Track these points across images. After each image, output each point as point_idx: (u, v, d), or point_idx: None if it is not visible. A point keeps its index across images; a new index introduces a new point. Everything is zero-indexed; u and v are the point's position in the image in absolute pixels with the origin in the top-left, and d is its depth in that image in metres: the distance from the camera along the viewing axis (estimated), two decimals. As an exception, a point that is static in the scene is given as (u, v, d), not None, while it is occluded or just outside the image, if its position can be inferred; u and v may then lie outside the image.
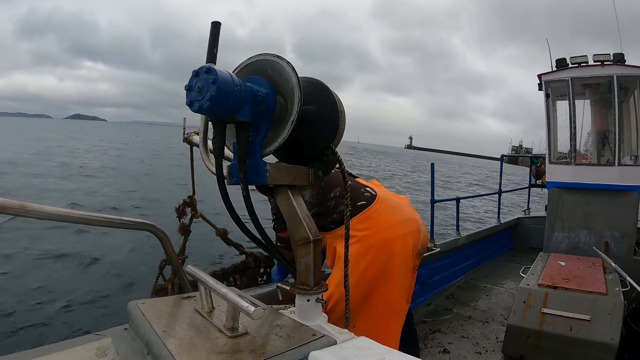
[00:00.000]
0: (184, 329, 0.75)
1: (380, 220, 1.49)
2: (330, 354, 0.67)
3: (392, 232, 1.49)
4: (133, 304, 0.87)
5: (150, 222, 1.10)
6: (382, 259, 1.45)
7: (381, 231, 1.47)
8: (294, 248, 0.92)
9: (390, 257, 1.47)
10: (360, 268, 1.43)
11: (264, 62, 0.91)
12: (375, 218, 1.49)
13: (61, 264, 6.23)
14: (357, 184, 1.63)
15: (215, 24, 0.90)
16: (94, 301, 4.90)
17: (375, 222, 1.48)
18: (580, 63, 3.69)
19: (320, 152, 1.00)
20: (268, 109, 0.85)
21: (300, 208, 0.91)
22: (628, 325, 2.29)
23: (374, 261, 1.45)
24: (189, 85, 0.76)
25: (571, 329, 2.12)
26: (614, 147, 3.62)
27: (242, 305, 0.67)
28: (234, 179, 0.87)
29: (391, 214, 1.54)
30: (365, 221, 1.49)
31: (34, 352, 0.75)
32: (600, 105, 3.96)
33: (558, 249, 3.76)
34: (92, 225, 0.97)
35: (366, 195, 1.54)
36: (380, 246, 1.46)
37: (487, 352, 2.47)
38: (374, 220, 1.48)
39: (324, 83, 1.03)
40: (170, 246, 1.15)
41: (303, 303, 0.88)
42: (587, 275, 2.58)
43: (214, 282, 0.78)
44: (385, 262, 1.46)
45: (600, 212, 3.64)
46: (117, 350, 0.76)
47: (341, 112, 1.00)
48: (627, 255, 3.52)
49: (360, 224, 1.48)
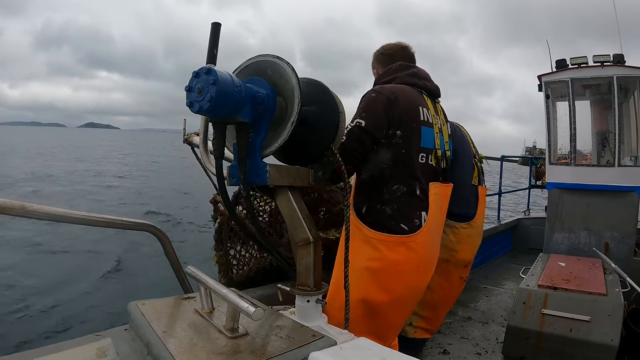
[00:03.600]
0: (184, 330, 0.75)
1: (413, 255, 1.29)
2: (330, 355, 0.67)
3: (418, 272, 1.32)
4: (133, 304, 0.87)
5: (150, 222, 1.10)
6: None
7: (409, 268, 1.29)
8: (294, 249, 0.92)
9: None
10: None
11: (264, 63, 0.91)
12: (411, 248, 1.28)
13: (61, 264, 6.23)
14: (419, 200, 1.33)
15: (215, 24, 0.90)
16: (94, 302, 4.90)
17: (407, 256, 1.28)
18: (580, 64, 3.69)
19: (320, 153, 1.00)
20: (268, 110, 0.85)
21: (301, 209, 0.91)
22: (628, 326, 2.28)
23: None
24: (189, 86, 0.76)
25: (571, 330, 2.12)
26: (613, 147, 3.62)
27: (242, 306, 0.67)
28: (234, 180, 0.87)
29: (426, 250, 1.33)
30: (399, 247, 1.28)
31: (33, 352, 0.75)
32: (600, 106, 3.96)
33: (558, 249, 3.76)
34: (93, 225, 0.97)
35: (415, 223, 1.30)
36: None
37: (487, 353, 2.46)
38: (408, 252, 1.28)
39: (324, 84, 1.03)
40: (170, 247, 1.15)
41: (303, 304, 0.88)
42: (587, 276, 2.57)
43: (214, 283, 0.78)
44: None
45: (600, 212, 3.64)
46: (117, 351, 0.76)
47: (341, 113, 1.00)
48: (627, 256, 3.52)
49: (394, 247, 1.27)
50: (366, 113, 1.28)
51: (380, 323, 1.32)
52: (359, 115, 1.28)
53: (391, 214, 1.27)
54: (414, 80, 1.43)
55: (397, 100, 1.29)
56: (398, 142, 1.28)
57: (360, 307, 1.26)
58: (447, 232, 1.89)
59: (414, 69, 1.47)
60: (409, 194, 1.29)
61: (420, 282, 1.37)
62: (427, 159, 1.34)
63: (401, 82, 1.41)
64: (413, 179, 1.30)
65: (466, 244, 1.96)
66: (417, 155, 1.31)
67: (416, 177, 1.31)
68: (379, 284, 1.26)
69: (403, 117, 1.29)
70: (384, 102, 1.28)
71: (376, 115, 1.27)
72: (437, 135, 1.40)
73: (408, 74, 1.44)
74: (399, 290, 1.30)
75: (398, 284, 1.29)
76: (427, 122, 1.35)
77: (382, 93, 1.31)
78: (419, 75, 1.46)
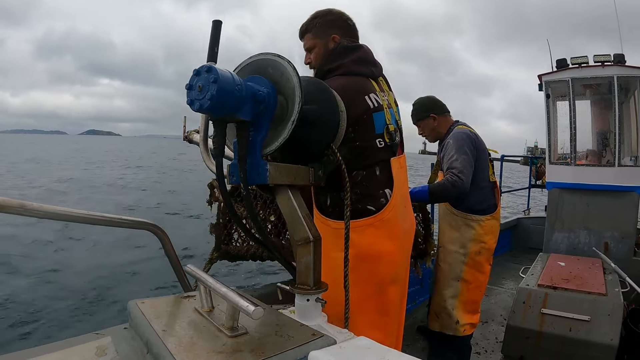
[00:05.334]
0: (184, 329, 0.75)
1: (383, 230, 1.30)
2: (329, 354, 0.67)
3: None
4: (133, 303, 0.87)
5: (150, 221, 1.10)
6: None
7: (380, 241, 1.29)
8: (294, 248, 0.92)
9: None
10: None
11: (264, 62, 0.91)
12: (380, 227, 1.30)
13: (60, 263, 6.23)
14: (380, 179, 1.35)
15: (216, 22, 0.90)
16: (93, 300, 4.91)
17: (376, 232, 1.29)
18: (580, 63, 3.69)
19: (320, 152, 1.00)
20: (269, 109, 0.85)
21: (301, 208, 0.91)
22: (627, 326, 2.29)
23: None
24: (190, 84, 0.76)
25: (571, 330, 2.12)
26: (614, 147, 3.62)
27: (242, 305, 0.67)
28: (234, 179, 0.87)
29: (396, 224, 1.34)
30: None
31: (33, 351, 0.75)
32: (601, 105, 3.96)
33: (558, 249, 3.76)
34: (92, 224, 0.97)
35: (382, 202, 1.32)
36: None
37: (487, 353, 2.47)
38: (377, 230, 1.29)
39: (324, 83, 1.03)
40: (170, 246, 1.15)
41: (303, 303, 0.88)
42: (586, 276, 2.58)
43: (214, 282, 0.78)
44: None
45: (600, 212, 3.64)
46: (116, 350, 0.76)
47: (342, 112, 1.00)
48: (627, 255, 3.52)
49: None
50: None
51: (371, 308, 1.30)
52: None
53: (355, 198, 1.25)
54: (359, 69, 1.33)
55: (345, 98, 1.20)
56: (350, 136, 1.23)
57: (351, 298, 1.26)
58: (475, 227, 2.11)
59: (359, 53, 1.36)
60: (369, 175, 1.28)
61: (399, 255, 1.34)
62: (383, 142, 1.31)
63: (345, 72, 1.31)
64: (373, 162, 1.29)
65: (491, 234, 2.16)
66: (373, 144, 1.29)
67: (376, 160, 1.29)
68: (359, 273, 1.25)
69: (350, 113, 1.22)
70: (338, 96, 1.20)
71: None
72: (387, 112, 1.35)
73: (353, 60, 1.34)
74: (380, 274, 1.29)
75: (378, 267, 1.28)
76: (376, 107, 1.30)
77: (335, 87, 1.21)
78: (365, 61, 1.36)
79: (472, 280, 2.12)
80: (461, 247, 2.13)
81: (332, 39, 1.39)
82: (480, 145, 2.15)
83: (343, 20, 1.41)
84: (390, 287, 1.34)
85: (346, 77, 1.29)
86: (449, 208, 2.19)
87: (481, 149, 2.14)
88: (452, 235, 2.17)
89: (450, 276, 2.15)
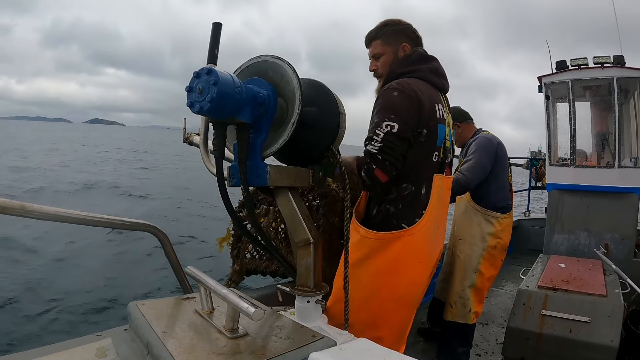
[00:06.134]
0: (184, 330, 0.75)
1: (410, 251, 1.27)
2: (330, 356, 0.67)
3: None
4: (133, 304, 0.87)
5: (150, 223, 1.10)
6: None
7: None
8: (294, 250, 0.92)
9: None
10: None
11: (264, 64, 0.91)
12: (408, 242, 1.27)
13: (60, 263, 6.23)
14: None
15: (216, 25, 0.90)
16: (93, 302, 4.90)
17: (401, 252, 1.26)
18: (580, 65, 3.70)
19: (320, 154, 1.00)
20: (269, 111, 0.85)
21: (301, 210, 0.91)
22: (628, 327, 2.28)
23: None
24: (190, 86, 0.76)
25: (571, 331, 2.12)
26: (614, 149, 3.63)
27: (242, 307, 0.67)
28: (235, 180, 0.87)
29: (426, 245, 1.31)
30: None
31: (33, 352, 0.75)
32: (600, 107, 3.96)
33: (558, 251, 3.76)
34: (92, 225, 0.97)
35: (415, 221, 1.28)
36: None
37: (487, 354, 2.46)
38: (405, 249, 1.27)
39: (324, 85, 1.03)
40: (170, 247, 1.15)
41: (303, 304, 0.88)
42: (587, 277, 2.57)
43: (214, 283, 0.78)
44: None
45: (600, 214, 3.64)
46: (117, 351, 0.76)
47: (341, 114, 1.00)
48: (627, 257, 3.52)
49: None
50: (396, 115, 1.19)
51: (386, 325, 1.28)
52: (388, 118, 1.19)
53: (394, 212, 1.25)
54: (433, 79, 1.36)
55: (421, 99, 1.24)
56: (422, 141, 1.24)
57: (365, 309, 1.24)
58: (494, 223, 2.28)
59: (434, 63, 1.39)
60: (416, 194, 1.27)
61: (423, 276, 1.33)
62: (438, 156, 1.32)
63: (421, 77, 1.33)
64: (424, 179, 1.28)
65: (507, 231, 2.33)
66: (432, 155, 1.29)
67: (427, 177, 1.29)
68: (381, 282, 1.24)
69: (425, 116, 1.25)
70: (412, 101, 1.23)
71: (407, 117, 1.21)
72: (447, 127, 1.38)
73: (429, 69, 1.36)
74: (402, 289, 1.27)
75: (401, 282, 1.26)
76: (442, 119, 1.32)
77: (407, 92, 1.24)
78: (439, 73, 1.39)
79: (485, 272, 2.28)
80: (480, 241, 2.29)
81: (403, 48, 1.40)
82: (502, 150, 2.33)
83: (412, 31, 1.43)
84: (409, 309, 1.33)
85: (422, 81, 1.31)
86: (472, 204, 2.35)
87: (502, 153, 2.33)
88: (472, 229, 2.33)
89: (469, 267, 2.29)
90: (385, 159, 1.17)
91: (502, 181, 2.34)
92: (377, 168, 1.16)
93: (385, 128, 1.18)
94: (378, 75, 1.44)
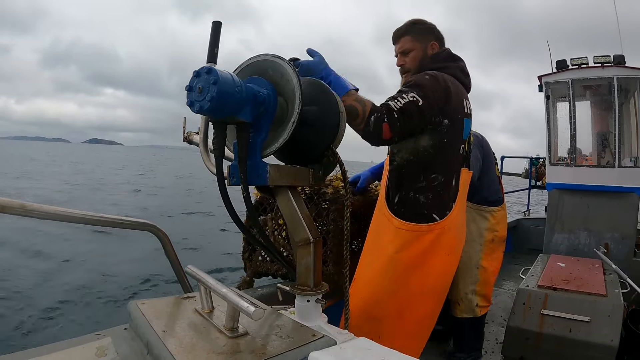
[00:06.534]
0: (184, 329, 0.75)
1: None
2: (330, 355, 0.67)
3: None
4: (133, 304, 0.87)
5: (150, 222, 1.10)
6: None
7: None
8: (294, 249, 0.92)
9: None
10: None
11: (264, 63, 0.91)
12: (440, 236, 1.30)
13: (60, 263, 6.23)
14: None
15: (215, 23, 0.90)
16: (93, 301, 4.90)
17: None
18: (580, 64, 3.69)
19: (320, 153, 1.00)
20: (269, 110, 0.85)
21: (301, 209, 0.91)
22: (628, 327, 2.28)
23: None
24: (190, 85, 0.76)
25: (571, 331, 2.12)
26: (614, 148, 3.62)
27: (242, 306, 0.67)
28: (234, 180, 0.87)
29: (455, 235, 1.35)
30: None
31: (33, 351, 0.75)
32: (601, 106, 3.96)
33: (558, 250, 3.76)
34: (93, 225, 0.97)
35: (446, 213, 1.32)
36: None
37: (487, 354, 2.46)
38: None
39: (324, 84, 1.03)
40: (170, 247, 1.15)
41: (303, 304, 0.88)
42: (586, 277, 2.57)
43: (214, 283, 0.78)
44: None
45: (600, 213, 3.64)
46: (117, 350, 0.76)
47: (341, 113, 1.00)
48: (627, 256, 3.51)
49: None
50: (424, 93, 1.22)
51: (412, 317, 1.30)
52: (416, 92, 1.21)
53: (425, 202, 1.27)
54: (461, 77, 1.41)
55: (450, 90, 1.28)
56: (442, 131, 1.26)
57: (392, 302, 1.25)
58: (489, 217, 2.32)
59: (461, 63, 1.45)
60: (446, 184, 1.29)
61: (452, 268, 1.37)
62: (464, 149, 1.36)
63: (451, 74, 1.37)
64: (453, 170, 1.31)
65: (502, 223, 2.39)
66: (459, 147, 1.32)
67: (455, 169, 1.32)
68: (411, 275, 1.26)
69: (452, 107, 1.28)
70: (441, 88, 1.26)
71: (433, 99, 1.23)
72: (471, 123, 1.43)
73: (458, 68, 1.42)
74: (431, 280, 1.30)
75: (431, 273, 1.29)
76: (468, 113, 1.37)
77: (438, 79, 1.28)
78: (465, 72, 1.45)
79: (488, 266, 2.32)
80: (478, 237, 2.32)
81: (431, 46, 1.45)
82: (487, 145, 2.42)
83: (438, 31, 1.48)
84: (437, 300, 1.35)
85: (452, 77, 1.35)
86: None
87: (488, 148, 2.42)
88: (469, 227, 2.34)
89: (471, 264, 2.31)
90: (398, 120, 1.16)
91: (491, 175, 2.40)
92: (387, 122, 1.15)
93: (410, 98, 1.20)
94: (405, 70, 1.47)
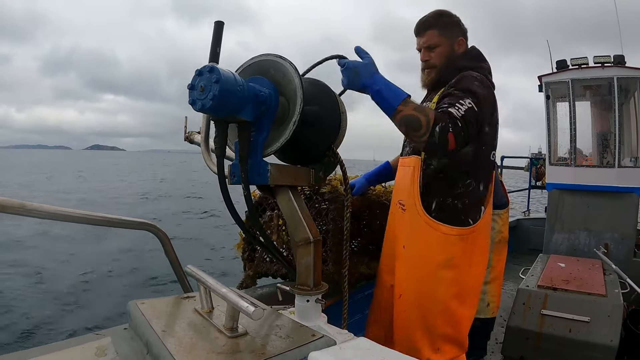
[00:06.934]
0: (184, 329, 0.75)
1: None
2: (329, 355, 0.67)
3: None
4: (133, 303, 0.87)
5: (150, 222, 1.10)
6: None
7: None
8: (294, 249, 0.92)
9: None
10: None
11: (266, 63, 0.91)
12: (477, 239, 1.31)
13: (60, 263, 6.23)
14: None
15: (218, 23, 0.90)
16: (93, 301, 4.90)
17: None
18: (580, 65, 3.69)
19: (321, 153, 0.99)
20: (270, 110, 0.85)
21: (301, 208, 0.91)
22: (627, 327, 2.28)
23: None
24: (192, 84, 0.75)
25: (570, 331, 2.12)
26: (614, 148, 3.62)
27: (242, 306, 0.67)
28: (235, 179, 0.87)
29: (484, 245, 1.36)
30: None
31: (33, 351, 0.75)
32: (601, 106, 3.96)
33: (558, 250, 3.76)
34: (92, 224, 0.97)
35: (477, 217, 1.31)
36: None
37: (487, 354, 2.46)
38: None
39: (326, 84, 1.03)
40: (170, 246, 1.15)
41: (303, 304, 0.88)
42: (586, 277, 2.57)
43: (214, 282, 0.78)
44: None
45: (600, 213, 3.64)
46: (116, 350, 0.76)
47: (342, 113, 1.00)
48: (627, 257, 3.51)
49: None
50: (478, 100, 1.14)
51: (461, 319, 1.32)
52: (472, 99, 1.13)
53: (462, 208, 1.27)
54: (490, 77, 1.33)
55: (495, 99, 1.25)
56: (484, 138, 1.25)
57: (449, 309, 1.27)
58: (497, 220, 2.36)
59: (488, 64, 1.37)
60: (477, 190, 1.30)
61: (484, 268, 1.40)
62: (494, 155, 1.36)
63: (484, 75, 1.30)
64: (483, 176, 1.30)
65: (506, 224, 2.45)
66: (492, 154, 1.33)
67: (486, 175, 1.31)
68: (460, 278, 1.27)
69: (495, 115, 1.26)
70: (491, 95, 1.22)
71: (485, 107, 1.18)
72: None
73: (488, 70, 1.35)
74: (472, 281, 1.33)
75: (471, 274, 1.31)
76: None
77: (488, 85, 1.23)
78: (491, 73, 1.36)
79: (496, 266, 2.37)
80: None
81: (459, 42, 1.36)
82: None
83: (463, 25, 1.39)
84: (473, 302, 1.37)
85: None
86: None
87: None
88: None
89: None
90: (462, 129, 1.07)
91: (496, 180, 2.44)
92: (452, 132, 1.05)
93: (468, 104, 1.12)
94: (429, 66, 1.38)
